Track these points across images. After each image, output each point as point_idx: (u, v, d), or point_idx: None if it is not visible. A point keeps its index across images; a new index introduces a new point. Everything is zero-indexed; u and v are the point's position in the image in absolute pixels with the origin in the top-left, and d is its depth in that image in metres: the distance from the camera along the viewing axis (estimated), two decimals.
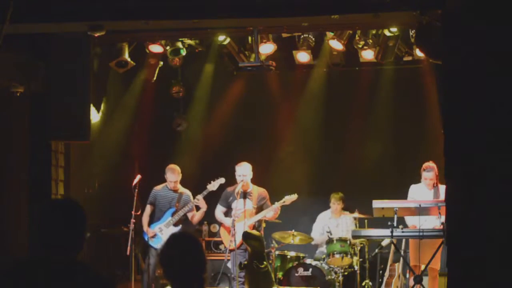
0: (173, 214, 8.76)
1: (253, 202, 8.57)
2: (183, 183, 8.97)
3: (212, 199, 8.91)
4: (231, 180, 8.77)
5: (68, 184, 8.79)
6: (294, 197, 8.57)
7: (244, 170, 8.58)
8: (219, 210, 8.81)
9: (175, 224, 8.75)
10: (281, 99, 10.47)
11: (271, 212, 8.54)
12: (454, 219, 5.62)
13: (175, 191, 8.86)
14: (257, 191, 8.65)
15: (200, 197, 8.70)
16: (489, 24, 5.47)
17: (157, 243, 8.62)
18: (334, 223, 9.59)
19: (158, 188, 8.90)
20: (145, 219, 8.81)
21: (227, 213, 8.75)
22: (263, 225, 8.71)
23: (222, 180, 8.76)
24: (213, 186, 8.73)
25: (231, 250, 8.49)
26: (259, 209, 8.58)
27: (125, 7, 6.71)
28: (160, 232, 8.70)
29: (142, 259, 8.95)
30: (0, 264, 3.16)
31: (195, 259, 3.48)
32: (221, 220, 8.84)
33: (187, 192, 8.90)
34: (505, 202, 5.32)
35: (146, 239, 8.80)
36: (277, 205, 8.52)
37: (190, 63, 9.89)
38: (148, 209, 8.85)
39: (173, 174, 8.81)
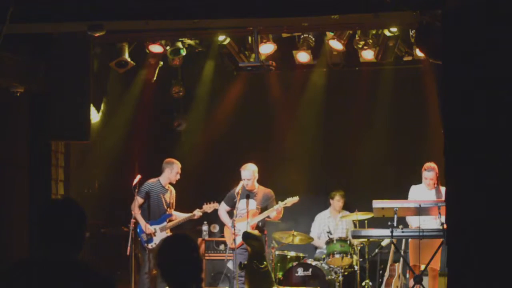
0: (168, 220, 8.73)
1: (257, 202, 8.55)
2: (183, 183, 8.96)
3: (216, 198, 8.92)
4: (232, 180, 8.76)
5: (68, 184, 8.79)
6: (295, 199, 8.52)
7: (247, 174, 8.55)
8: (223, 209, 8.78)
9: (170, 231, 8.72)
10: (281, 99, 10.46)
11: (273, 213, 8.52)
12: (454, 219, 5.62)
13: (166, 187, 8.80)
14: (263, 192, 8.63)
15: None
16: (489, 24, 5.47)
17: (150, 243, 8.61)
18: (333, 222, 9.60)
19: (153, 181, 8.76)
20: (139, 212, 8.62)
21: (231, 212, 8.72)
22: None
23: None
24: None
25: (231, 249, 8.48)
26: (264, 209, 8.54)
27: (125, 7, 6.72)
28: (154, 234, 8.64)
29: (141, 258, 8.88)
30: (0, 264, 3.17)
31: (192, 259, 3.47)
32: (223, 219, 8.83)
33: (173, 189, 8.88)
34: (505, 202, 5.32)
35: (139, 233, 8.62)
36: (281, 205, 8.47)
37: (190, 63, 9.88)
38: (140, 202, 8.65)
39: (179, 168, 8.78)
